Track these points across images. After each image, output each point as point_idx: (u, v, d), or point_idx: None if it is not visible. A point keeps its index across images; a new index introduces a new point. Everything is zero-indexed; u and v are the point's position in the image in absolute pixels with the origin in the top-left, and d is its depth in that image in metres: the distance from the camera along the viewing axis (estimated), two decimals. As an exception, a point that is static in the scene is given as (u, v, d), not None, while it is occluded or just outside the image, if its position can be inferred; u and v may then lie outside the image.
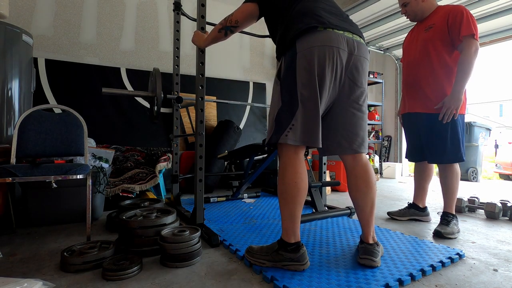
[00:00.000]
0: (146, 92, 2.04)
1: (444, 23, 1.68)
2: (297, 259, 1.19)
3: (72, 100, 2.92)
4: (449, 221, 1.73)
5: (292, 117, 1.17)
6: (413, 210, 2.05)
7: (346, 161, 1.31)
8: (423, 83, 1.76)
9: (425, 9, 1.81)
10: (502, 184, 4.38)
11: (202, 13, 1.78)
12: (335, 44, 1.14)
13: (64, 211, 1.93)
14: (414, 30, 1.90)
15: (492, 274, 1.24)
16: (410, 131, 1.96)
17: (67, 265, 1.24)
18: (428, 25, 1.76)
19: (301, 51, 1.16)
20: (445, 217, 1.76)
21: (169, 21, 3.58)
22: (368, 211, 1.29)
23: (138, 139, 3.21)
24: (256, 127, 4.06)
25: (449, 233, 1.68)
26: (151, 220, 1.45)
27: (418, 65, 1.79)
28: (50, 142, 1.73)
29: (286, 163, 1.20)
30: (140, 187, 2.45)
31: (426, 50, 1.74)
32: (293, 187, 1.18)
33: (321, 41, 1.14)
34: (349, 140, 1.25)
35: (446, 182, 1.77)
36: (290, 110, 1.18)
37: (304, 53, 1.15)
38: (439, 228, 1.70)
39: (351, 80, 1.21)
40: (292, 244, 1.21)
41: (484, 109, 22.83)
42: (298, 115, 1.16)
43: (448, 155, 1.71)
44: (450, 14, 1.66)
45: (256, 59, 4.20)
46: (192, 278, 1.19)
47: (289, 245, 1.21)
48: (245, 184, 2.45)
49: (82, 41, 3.11)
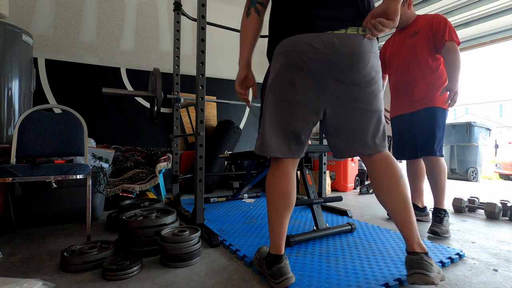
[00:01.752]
0: (146, 92, 2.04)
1: (429, 29, 1.81)
2: (271, 275, 1.11)
3: (72, 100, 2.92)
4: (442, 218, 1.76)
5: (260, 125, 1.17)
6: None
7: (365, 162, 1.20)
8: (414, 84, 1.86)
9: (410, 17, 1.93)
10: (502, 184, 4.38)
11: (202, 13, 1.78)
12: (303, 48, 1.04)
13: (64, 211, 1.93)
14: (396, 37, 2.01)
15: (492, 274, 1.24)
16: (402, 132, 2.01)
17: (67, 265, 1.24)
18: (413, 31, 1.88)
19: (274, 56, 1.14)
20: (438, 214, 1.78)
21: (169, 21, 3.58)
22: (401, 210, 1.09)
23: (138, 139, 3.21)
24: (256, 127, 4.06)
25: (445, 232, 1.71)
26: (151, 220, 1.45)
27: (408, 68, 1.88)
28: (50, 142, 1.73)
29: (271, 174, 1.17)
30: (140, 187, 2.45)
31: (415, 54, 1.85)
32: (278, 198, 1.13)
33: (288, 46, 1.07)
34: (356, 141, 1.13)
35: (434, 178, 1.81)
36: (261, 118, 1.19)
37: (274, 60, 1.13)
38: (434, 227, 1.72)
39: (337, 81, 1.07)
40: (270, 255, 1.14)
41: (484, 109, 22.83)
42: (263, 124, 1.15)
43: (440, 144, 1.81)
44: (434, 22, 1.80)
45: (256, 59, 4.17)
46: (192, 278, 1.19)
47: (268, 255, 1.16)
48: (245, 186, 2.47)
49: (82, 41, 3.11)
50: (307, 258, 1.36)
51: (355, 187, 3.51)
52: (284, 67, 1.08)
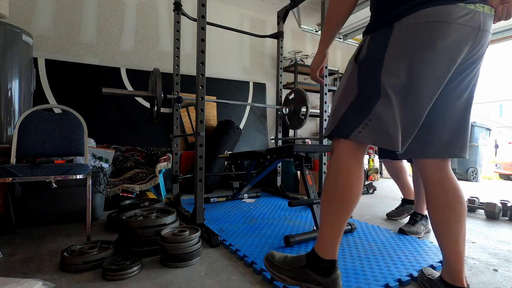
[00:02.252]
0: (146, 92, 2.04)
1: None
2: (327, 285, 0.94)
3: (72, 100, 2.92)
4: (417, 220, 1.76)
5: (369, 111, 0.91)
6: (408, 205, 2.06)
7: (428, 168, 1.03)
8: None
9: None
10: (502, 184, 4.38)
11: (202, 13, 1.79)
12: (451, 18, 0.84)
13: (64, 211, 1.92)
14: None
15: (492, 274, 1.24)
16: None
17: (67, 265, 1.24)
18: None
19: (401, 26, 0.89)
20: (413, 217, 1.79)
21: (169, 21, 3.58)
22: (462, 239, 0.97)
23: (138, 139, 3.21)
24: (256, 127, 4.06)
25: (413, 232, 1.71)
26: (151, 220, 1.45)
27: None
28: (50, 142, 1.73)
29: (342, 161, 0.96)
30: (140, 187, 2.45)
31: None
32: (347, 191, 0.94)
33: (432, 16, 0.85)
34: (444, 140, 0.98)
35: (419, 184, 1.78)
36: (367, 101, 0.92)
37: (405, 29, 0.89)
38: (404, 227, 1.73)
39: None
40: (326, 261, 0.95)
41: (484, 109, 22.83)
42: (380, 109, 0.90)
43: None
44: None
45: (256, 59, 4.20)
46: (192, 278, 1.19)
47: (322, 261, 0.95)
48: (245, 186, 2.47)
49: (82, 41, 3.11)
50: (307, 258, 1.35)
51: (355, 187, 3.50)
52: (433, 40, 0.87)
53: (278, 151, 1.89)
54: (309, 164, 3.60)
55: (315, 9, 4.02)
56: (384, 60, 0.90)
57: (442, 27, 0.84)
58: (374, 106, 0.90)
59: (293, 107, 2.89)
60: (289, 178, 3.34)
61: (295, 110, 2.86)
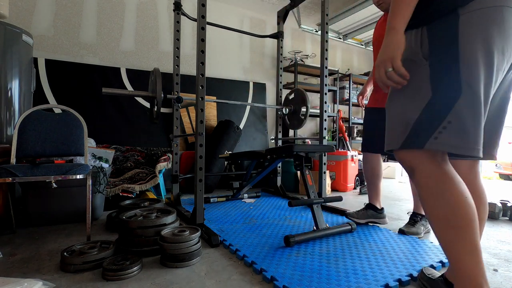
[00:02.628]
0: (146, 92, 2.04)
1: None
2: None
3: (72, 100, 2.92)
4: (417, 221, 1.77)
5: (448, 111, 0.79)
6: (371, 211, 1.96)
7: (461, 168, 0.96)
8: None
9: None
10: (502, 184, 4.38)
11: (202, 13, 1.79)
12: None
13: (64, 211, 1.92)
14: (383, 23, 1.86)
15: (492, 274, 1.24)
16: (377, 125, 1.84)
17: (67, 265, 1.24)
18: None
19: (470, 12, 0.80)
20: (413, 217, 1.79)
21: (169, 21, 3.58)
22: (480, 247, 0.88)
23: (138, 139, 3.21)
24: (256, 127, 4.06)
25: (414, 232, 1.71)
26: (151, 220, 1.45)
27: None
28: (50, 142, 1.73)
29: (437, 177, 0.83)
30: (140, 187, 2.45)
31: None
32: (467, 205, 0.80)
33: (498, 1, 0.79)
34: (488, 140, 0.91)
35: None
36: (446, 101, 0.81)
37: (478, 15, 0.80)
38: (404, 227, 1.74)
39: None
40: None
41: (484, 109, 22.81)
42: (461, 106, 0.78)
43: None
44: None
45: (256, 59, 4.20)
46: (192, 278, 1.19)
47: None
48: (245, 186, 2.47)
49: (82, 41, 3.11)
50: (307, 258, 1.36)
51: (355, 187, 3.50)
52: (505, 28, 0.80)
53: (278, 151, 1.89)
54: (309, 164, 3.60)
55: (315, 9, 4.02)
56: (459, 51, 0.80)
57: (507, 12, 0.79)
58: (453, 104, 0.79)
59: (293, 107, 2.89)
60: (289, 178, 3.34)
61: (295, 110, 2.86)
